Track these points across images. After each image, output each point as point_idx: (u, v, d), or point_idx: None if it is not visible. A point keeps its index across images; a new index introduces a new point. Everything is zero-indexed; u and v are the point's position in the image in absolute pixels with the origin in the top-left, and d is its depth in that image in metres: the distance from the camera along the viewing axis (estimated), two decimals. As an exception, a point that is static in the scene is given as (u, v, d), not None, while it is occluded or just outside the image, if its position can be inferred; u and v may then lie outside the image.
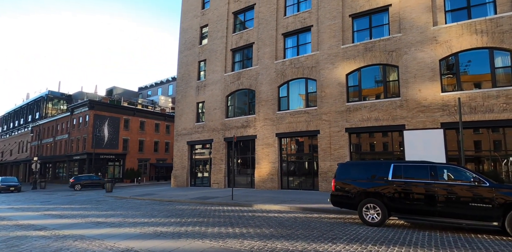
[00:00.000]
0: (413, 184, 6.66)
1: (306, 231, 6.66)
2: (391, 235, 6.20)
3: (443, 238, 5.84)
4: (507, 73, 12.17)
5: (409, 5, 14.45)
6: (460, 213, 6.07)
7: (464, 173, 6.35)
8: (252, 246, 5.48)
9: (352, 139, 15.46)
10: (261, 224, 7.59)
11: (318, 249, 5.18)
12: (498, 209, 5.71)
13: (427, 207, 6.40)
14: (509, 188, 5.85)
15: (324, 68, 16.60)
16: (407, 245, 5.39)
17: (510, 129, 11.95)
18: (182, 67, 24.60)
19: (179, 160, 22.85)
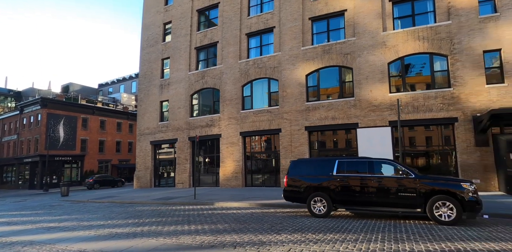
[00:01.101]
0: (353, 177, 7.38)
1: (257, 225, 7.05)
2: (332, 224, 6.81)
3: (375, 225, 6.57)
4: (444, 76, 13.60)
5: (362, 11, 15.44)
6: (392, 202, 6.86)
7: (395, 167, 7.14)
8: (203, 240, 5.74)
9: (311, 137, 16.24)
10: (218, 221, 7.84)
11: (262, 239, 5.57)
12: (421, 197, 6.57)
13: (365, 198, 7.13)
14: (430, 179, 6.74)
15: (285, 69, 17.15)
16: (342, 232, 6.01)
17: (446, 126, 13.41)
18: (144, 64, 23.80)
19: (142, 160, 22.22)
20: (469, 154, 12.53)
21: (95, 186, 27.06)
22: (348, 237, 5.49)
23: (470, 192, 6.30)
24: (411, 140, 14.37)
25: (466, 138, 12.65)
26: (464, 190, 6.32)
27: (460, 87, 12.99)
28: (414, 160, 14.26)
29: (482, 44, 12.83)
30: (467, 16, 13.22)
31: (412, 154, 14.26)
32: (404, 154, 10.90)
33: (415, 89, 14.16)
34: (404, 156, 14.15)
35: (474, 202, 6.25)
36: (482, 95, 12.57)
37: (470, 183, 6.48)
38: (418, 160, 14.24)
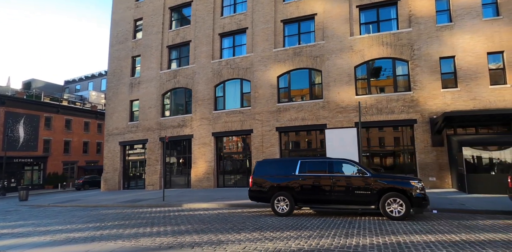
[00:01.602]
0: (313, 177, 7.65)
1: (220, 225, 7.08)
2: (292, 222, 7.01)
3: (332, 222, 6.85)
4: (405, 80, 14.42)
5: (331, 15, 15.97)
6: (349, 199, 7.19)
7: (353, 166, 7.49)
8: (162, 242, 5.69)
9: (282, 137, 16.52)
10: (182, 222, 7.77)
11: (221, 239, 5.61)
12: (375, 195, 6.96)
13: (324, 197, 7.42)
14: (382, 177, 7.16)
15: (257, 70, 17.31)
16: (298, 229, 6.21)
17: (407, 127, 14.21)
18: (113, 62, 22.94)
19: (110, 162, 21.38)
20: (426, 154, 13.37)
21: (84, 187, 26.51)
22: (303, 234, 5.68)
23: (418, 189, 6.76)
24: (376, 140, 15.07)
25: (424, 138, 13.50)
26: (413, 187, 6.77)
27: (419, 91, 13.83)
28: (379, 159, 14.98)
29: (438, 51, 13.76)
30: (425, 24, 14.12)
31: (377, 153, 14.97)
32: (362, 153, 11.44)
33: (379, 92, 14.88)
34: (369, 155, 14.85)
35: (421, 198, 6.71)
36: (438, 99, 13.48)
37: (418, 181, 6.95)
38: (383, 159, 14.98)
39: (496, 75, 13.01)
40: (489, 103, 12.70)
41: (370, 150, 14.86)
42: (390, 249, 4.45)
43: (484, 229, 5.73)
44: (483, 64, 13.06)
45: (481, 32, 13.22)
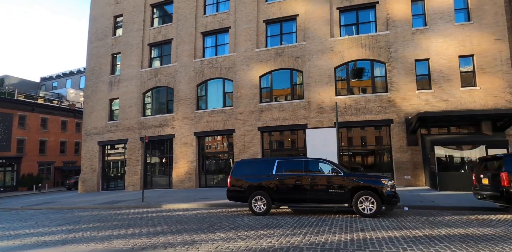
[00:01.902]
0: (290, 176, 7.77)
1: (197, 225, 7.04)
2: (267, 221, 7.08)
3: (307, 220, 6.98)
4: (382, 81, 14.85)
5: (312, 17, 16.19)
6: (324, 198, 7.36)
7: (328, 165, 7.66)
8: (135, 243, 5.61)
9: (264, 137, 16.62)
10: (158, 223, 7.67)
11: (195, 239, 5.60)
12: (348, 193, 7.15)
13: (300, 195, 7.55)
14: (356, 176, 7.38)
15: (240, 70, 17.31)
16: (273, 228, 6.28)
17: (384, 127, 14.65)
18: (92, 59, 22.25)
19: (88, 162, 20.75)
20: (401, 153, 13.84)
21: (76, 186, 25.80)
22: (277, 232, 5.76)
23: (389, 187, 7.01)
24: (355, 139, 15.44)
25: (399, 138, 13.96)
26: (384, 185, 7.01)
27: (395, 92, 14.29)
28: (359, 158, 15.36)
29: (414, 53, 14.26)
30: (402, 27, 14.59)
31: (357, 152, 15.35)
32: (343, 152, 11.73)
33: (358, 93, 15.25)
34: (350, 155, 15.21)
35: (391, 196, 6.96)
36: (413, 100, 13.98)
37: (389, 179, 7.20)
38: (362, 158, 15.36)
39: (467, 77, 13.64)
40: (460, 104, 13.30)
41: (350, 149, 15.21)
42: (356, 245, 4.60)
43: (447, 224, 6.02)
44: (455, 67, 13.66)
45: (454, 36, 13.81)
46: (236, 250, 4.65)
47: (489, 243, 4.49)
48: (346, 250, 4.33)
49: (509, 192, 6.38)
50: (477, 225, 5.90)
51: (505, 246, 4.33)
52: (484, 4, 13.65)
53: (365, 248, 4.35)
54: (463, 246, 4.37)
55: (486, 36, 13.42)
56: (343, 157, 15.20)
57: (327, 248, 4.45)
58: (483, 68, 13.31)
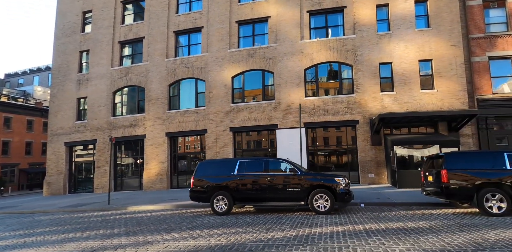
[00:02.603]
0: (250, 176, 7.93)
1: (156, 226, 7.02)
2: (226, 221, 7.20)
3: (264, 219, 7.17)
4: (349, 83, 15.40)
5: (283, 19, 16.49)
6: (282, 197, 7.59)
7: (286, 165, 7.90)
8: (87, 246, 5.55)
9: (236, 137, 16.72)
10: (118, 226, 7.56)
11: (148, 240, 5.62)
12: (305, 191, 7.43)
13: (260, 195, 7.74)
14: (311, 175, 7.69)
15: (212, 70, 17.29)
16: (228, 227, 6.42)
17: (349, 128, 15.20)
18: (59, 56, 21.33)
19: (54, 164, 19.89)
20: (366, 152, 14.44)
21: None
22: (229, 231, 5.89)
23: (342, 185, 7.35)
24: (325, 139, 15.91)
25: (364, 138, 14.56)
26: (337, 183, 7.34)
27: (361, 93, 14.88)
28: (328, 158, 15.84)
29: (378, 57, 14.91)
30: (368, 31, 15.21)
31: (327, 152, 15.82)
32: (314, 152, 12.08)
33: (326, 94, 15.73)
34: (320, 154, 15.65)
35: (344, 194, 7.30)
36: (377, 101, 14.62)
37: (342, 178, 7.54)
38: (331, 158, 15.84)
39: (426, 81, 14.47)
40: (419, 106, 14.08)
41: (321, 149, 15.66)
42: (297, 240, 4.83)
43: (391, 219, 6.43)
44: (415, 70, 14.44)
45: (414, 41, 14.59)
46: (184, 249, 4.72)
47: (418, 235, 4.87)
48: (286, 245, 4.53)
49: (448, 188, 6.89)
50: (417, 219, 6.35)
51: (430, 237, 4.71)
52: (442, 11, 14.54)
53: (304, 243, 4.58)
54: (392, 238, 4.71)
55: (443, 42, 14.30)
56: (316, 156, 15.64)
57: (269, 244, 4.63)
58: (440, 72, 14.18)
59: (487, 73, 13.77)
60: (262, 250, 4.34)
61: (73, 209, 12.14)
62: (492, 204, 6.57)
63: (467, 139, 13.57)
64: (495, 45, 13.80)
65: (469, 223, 5.83)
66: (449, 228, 5.34)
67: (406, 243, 4.34)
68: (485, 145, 13.21)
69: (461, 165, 6.97)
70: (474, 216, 6.58)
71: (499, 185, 6.62)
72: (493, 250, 3.97)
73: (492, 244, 4.25)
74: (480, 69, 13.81)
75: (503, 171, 6.68)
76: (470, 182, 6.76)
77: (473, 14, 14.17)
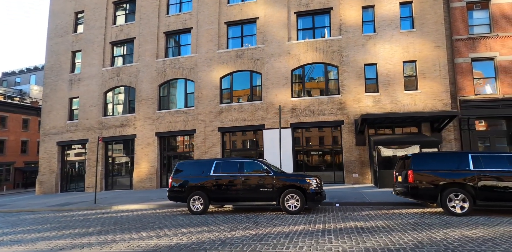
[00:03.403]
0: (225, 177, 8.12)
1: (131, 225, 7.23)
2: (199, 220, 7.39)
3: (236, 218, 7.38)
4: (335, 84, 15.57)
5: (271, 20, 16.63)
6: (256, 197, 7.80)
7: (260, 166, 8.09)
8: (57, 244, 5.75)
9: (224, 137, 16.92)
10: (95, 224, 7.77)
11: (116, 239, 5.82)
12: (277, 191, 7.63)
13: (234, 195, 7.94)
14: (284, 175, 7.88)
15: (201, 71, 17.46)
16: (197, 226, 6.61)
17: (336, 128, 15.38)
18: (52, 56, 21.51)
19: (47, 163, 20.12)
20: (351, 152, 14.64)
21: None
22: (196, 230, 6.10)
23: (312, 185, 7.54)
24: (309, 139, 16.10)
25: (349, 138, 14.75)
26: (308, 183, 7.53)
27: (346, 94, 15.05)
28: (315, 157, 16.03)
29: (363, 58, 15.07)
30: (353, 33, 15.36)
31: (314, 152, 16.00)
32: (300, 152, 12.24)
33: (312, 95, 15.91)
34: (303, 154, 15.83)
35: (314, 194, 7.50)
36: (362, 102, 14.80)
37: (314, 178, 7.74)
38: (318, 157, 16.03)
39: (409, 82, 14.63)
40: (403, 107, 14.25)
41: (305, 149, 15.84)
42: (253, 238, 5.04)
43: (355, 218, 6.63)
44: (399, 71, 14.60)
45: (399, 42, 14.74)
46: (145, 248, 4.93)
47: (369, 234, 5.07)
48: (240, 243, 4.74)
49: (413, 188, 7.09)
50: (381, 219, 6.55)
51: (379, 236, 4.91)
52: (426, 13, 14.68)
53: (257, 242, 4.79)
54: (343, 237, 4.92)
55: (427, 43, 14.45)
56: (302, 156, 15.81)
57: (225, 243, 4.84)
58: (424, 73, 14.34)
59: (470, 74, 13.93)
60: (216, 249, 4.54)
61: (60, 208, 12.37)
62: (455, 203, 6.77)
63: (449, 140, 13.75)
64: (478, 47, 13.95)
65: (427, 222, 6.03)
66: (404, 227, 5.54)
67: (353, 242, 4.54)
68: (467, 146, 13.40)
69: (427, 165, 7.16)
70: (438, 215, 6.78)
71: (462, 185, 6.81)
72: (430, 248, 4.17)
73: (433, 242, 4.44)
74: (463, 71, 13.97)
75: (467, 171, 6.87)
76: (434, 182, 6.96)
77: (457, 16, 14.31)
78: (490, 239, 4.58)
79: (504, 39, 13.72)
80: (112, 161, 19.44)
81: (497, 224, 5.68)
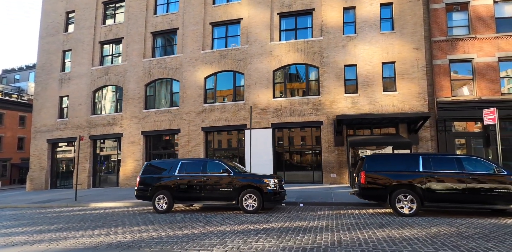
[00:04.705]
0: (188, 176, 8.38)
1: (93, 223, 7.50)
2: (158, 219, 7.65)
3: (195, 217, 7.64)
4: (316, 85, 15.72)
5: (254, 21, 16.78)
6: (216, 196, 8.05)
7: (222, 166, 8.33)
8: (12, 241, 6.00)
9: (208, 137, 17.17)
10: (61, 222, 8.06)
11: (68, 236, 6.09)
12: (236, 191, 7.87)
13: (196, 194, 8.20)
14: (243, 176, 8.10)
15: (186, 71, 17.69)
16: (152, 224, 6.88)
17: (314, 128, 15.56)
18: (43, 55, 21.86)
19: (37, 160, 20.56)
20: (329, 152, 14.82)
21: None
22: (147, 228, 6.36)
23: (270, 186, 7.77)
24: (290, 140, 16.29)
25: (328, 138, 14.92)
26: (265, 184, 7.76)
27: (326, 95, 15.21)
28: (296, 157, 16.24)
29: (343, 59, 15.19)
30: (334, 34, 15.47)
31: (295, 152, 16.20)
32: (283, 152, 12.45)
33: (293, 95, 16.08)
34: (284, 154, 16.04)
35: (271, 194, 7.73)
36: (341, 103, 14.95)
37: (272, 178, 7.96)
38: (296, 158, 16.23)
39: (388, 83, 14.74)
40: (381, 108, 14.38)
41: (285, 149, 16.06)
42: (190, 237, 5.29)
43: (304, 218, 6.85)
44: (378, 73, 14.71)
45: (378, 44, 14.83)
46: (88, 245, 5.20)
47: (301, 234, 5.30)
48: (174, 241, 5.02)
49: (365, 189, 7.30)
50: (329, 218, 6.77)
51: (309, 236, 5.13)
52: (406, 14, 14.74)
53: (191, 240, 5.04)
54: (274, 236, 5.16)
55: (406, 45, 14.53)
56: (283, 156, 16.02)
57: (163, 241, 5.10)
58: (402, 74, 14.44)
59: (448, 76, 14.01)
60: (149, 246, 4.80)
61: (41, 204, 12.74)
62: (403, 204, 6.97)
63: (426, 141, 13.88)
64: (456, 48, 14.01)
65: (370, 222, 6.24)
66: (341, 227, 5.76)
67: (277, 241, 4.76)
68: (443, 147, 13.53)
69: (380, 167, 7.36)
70: (387, 216, 6.98)
71: (411, 187, 7.00)
72: (344, 247, 4.38)
73: (353, 242, 4.66)
74: (441, 72, 14.06)
75: (416, 173, 7.05)
76: (385, 184, 7.16)
77: (436, 17, 14.36)
78: (411, 239, 4.78)
79: (482, 41, 13.76)
80: (100, 158, 19.80)
81: (434, 225, 5.88)
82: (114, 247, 4.90)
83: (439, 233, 5.15)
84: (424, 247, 4.26)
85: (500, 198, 6.56)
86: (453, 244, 4.42)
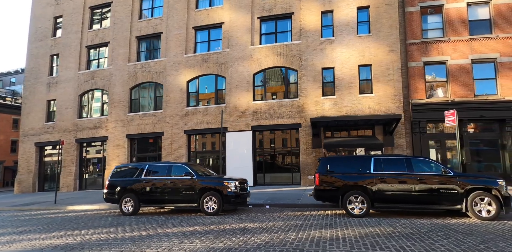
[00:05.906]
0: (153, 180, 8.62)
1: (58, 225, 7.71)
2: (120, 221, 7.86)
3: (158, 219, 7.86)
4: (295, 87, 15.95)
5: (236, 25, 17.04)
6: (179, 199, 8.28)
7: (185, 169, 8.54)
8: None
9: (191, 140, 17.41)
10: (29, 224, 8.27)
11: (32, 238, 6.31)
12: (198, 194, 8.08)
13: (160, 197, 8.43)
14: (204, 178, 8.33)
15: (170, 74, 17.95)
16: (110, 227, 7.10)
17: (293, 131, 15.76)
18: (31, 59, 22.18)
19: (25, 163, 20.83)
20: (307, 154, 15.03)
21: None
22: (103, 231, 6.58)
23: (230, 188, 7.98)
24: (270, 142, 16.50)
25: (306, 141, 15.13)
26: (225, 186, 7.97)
27: (304, 97, 15.43)
28: (272, 159, 16.42)
29: (321, 62, 15.42)
30: (312, 37, 15.71)
31: (275, 154, 16.40)
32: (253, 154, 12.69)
33: (273, 98, 16.31)
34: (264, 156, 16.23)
35: (231, 196, 7.94)
36: (319, 105, 15.16)
37: (233, 181, 8.17)
38: (275, 160, 16.41)
39: (364, 85, 14.95)
40: (358, 110, 14.59)
41: (265, 152, 16.27)
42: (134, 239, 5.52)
43: (259, 220, 7.04)
44: (355, 75, 14.93)
45: (355, 47, 15.06)
46: (37, 247, 5.42)
47: (239, 235, 5.51)
48: (116, 243, 5.23)
49: (318, 190, 7.51)
50: (282, 220, 6.97)
51: (244, 237, 5.33)
52: (382, 17, 14.97)
53: (132, 242, 5.26)
54: (212, 237, 5.37)
55: (382, 48, 14.75)
56: (263, 158, 16.23)
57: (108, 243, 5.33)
58: (378, 77, 14.65)
59: (422, 78, 14.21)
60: (91, 248, 5.02)
61: (22, 207, 12.98)
62: (354, 205, 7.17)
63: (401, 143, 14.07)
64: (431, 51, 14.22)
65: (316, 223, 6.43)
66: (284, 229, 5.96)
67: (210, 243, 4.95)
68: (417, 148, 13.72)
69: (333, 168, 7.56)
70: (339, 217, 7.18)
71: (362, 188, 7.20)
72: (270, 246, 4.59)
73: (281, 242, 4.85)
74: (415, 74, 14.27)
75: (367, 174, 7.25)
76: (337, 185, 7.37)
77: (411, 20, 14.59)
78: (339, 239, 4.97)
79: (456, 43, 13.97)
80: (86, 161, 20.05)
81: (375, 225, 6.07)
82: (59, 249, 5.12)
83: (373, 233, 5.35)
84: (342, 247, 4.46)
85: (447, 199, 6.75)
86: (372, 243, 4.61)
